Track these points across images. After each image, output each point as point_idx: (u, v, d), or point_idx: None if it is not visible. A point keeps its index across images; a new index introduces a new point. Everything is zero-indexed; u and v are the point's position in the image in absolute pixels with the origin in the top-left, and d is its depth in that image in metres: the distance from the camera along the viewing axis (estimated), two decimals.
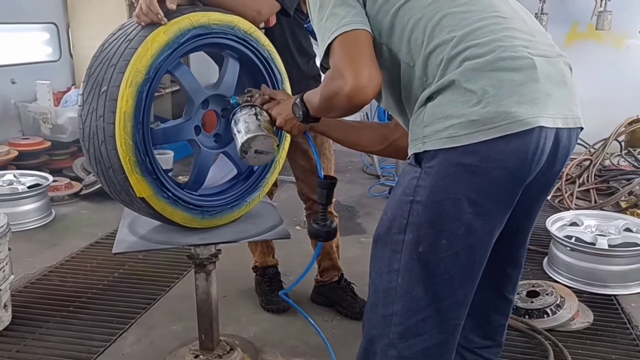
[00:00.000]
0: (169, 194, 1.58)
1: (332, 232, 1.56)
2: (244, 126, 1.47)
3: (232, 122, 1.52)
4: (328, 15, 1.23)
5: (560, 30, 5.16)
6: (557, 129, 1.15)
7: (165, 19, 1.45)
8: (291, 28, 2.19)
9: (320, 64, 1.33)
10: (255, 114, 1.49)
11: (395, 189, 1.25)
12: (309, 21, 1.53)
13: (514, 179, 1.15)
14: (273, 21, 2.01)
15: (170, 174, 1.79)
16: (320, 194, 1.48)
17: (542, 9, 5.05)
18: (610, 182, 4.23)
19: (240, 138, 1.47)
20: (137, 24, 1.50)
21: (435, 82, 1.16)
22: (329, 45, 1.22)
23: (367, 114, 4.95)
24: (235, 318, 2.50)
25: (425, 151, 1.15)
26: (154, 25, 1.47)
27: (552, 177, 1.26)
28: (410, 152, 1.20)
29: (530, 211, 1.33)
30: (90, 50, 5.38)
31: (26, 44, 4.72)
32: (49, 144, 4.36)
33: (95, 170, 1.56)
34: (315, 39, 1.59)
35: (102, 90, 1.44)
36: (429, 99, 1.17)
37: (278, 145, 1.51)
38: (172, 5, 1.48)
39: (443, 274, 1.18)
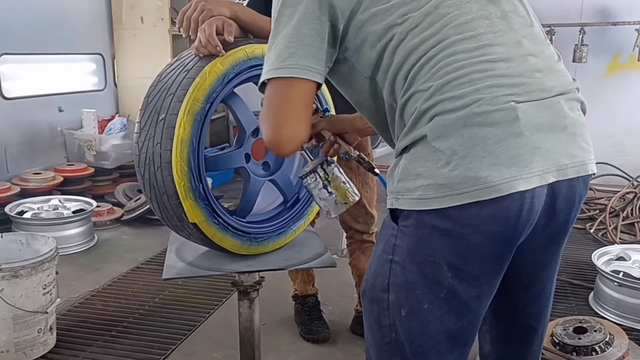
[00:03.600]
0: (220, 220, 1.60)
1: None
2: (322, 204, 1.43)
3: (305, 190, 1.52)
4: (277, 42, 1.12)
5: (601, 61, 5.12)
6: (551, 183, 1.03)
7: (223, 51, 1.50)
8: None
9: (259, 88, 1.21)
10: (323, 184, 1.41)
11: (377, 242, 1.18)
12: None
13: (497, 244, 1.05)
14: None
15: None
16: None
17: (582, 40, 5.02)
18: None
19: (326, 214, 1.46)
20: (194, 55, 1.54)
21: (409, 134, 1.06)
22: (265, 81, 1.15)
23: None
24: (274, 347, 2.49)
25: (398, 209, 1.07)
26: (211, 56, 1.51)
27: (558, 229, 1.16)
28: (387, 205, 1.11)
29: (540, 262, 1.22)
30: (135, 80, 5.57)
31: (73, 74, 4.91)
32: (92, 170, 4.49)
33: (148, 196, 1.59)
34: None
35: (160, 117, 1.48)
36: (405, 149, 1.08)
37: (356, 194, 1.45)
38: (230, 38, 1.52)
39: (428, 341, 1.10)
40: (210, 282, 3.05)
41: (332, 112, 1.88)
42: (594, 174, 1.12)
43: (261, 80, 1.16)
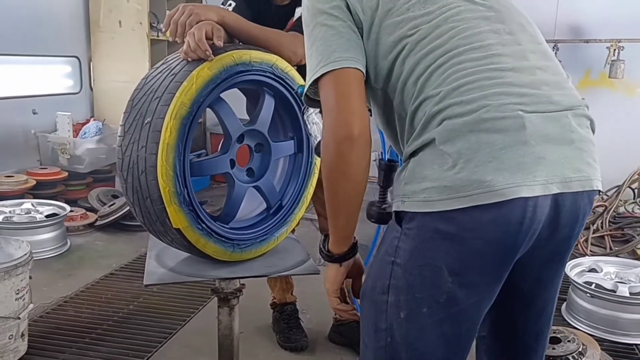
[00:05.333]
0: (204, 225, 1.59)
1: (386, 216, 1.48)
2: (316, 128, 1.47)
3: (305, 119, 1.52)
4: (317, 46, 1.16)
5: (573, 77, 5.18)
6: (555, 194, 1.03)
7: (212, 56, 1.49)
8: None
9: (305, 94, 1.23)
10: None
11: (380, 245, 1.18)
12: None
13: (497, 251, 1.05)
14: (305, 60, 2.06)
15: None
16: (381, 175, 1.39)
17: (555, 56, 5.13)
18: (625, 230, 4.22)
19: (315, 139, 1.50)
20: (182, 59, 1.53)
21: (417, 138, 1.08)
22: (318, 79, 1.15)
23: (381, 152, 4.98)
24: (252, 355, 2.47)
25: (404, 211, 1.08)
26: (198, 60, 1.51)
27: (561, 244, 1.15)
28: (393, 208, 1.13)
29: (542, 278, 1.21)
30: (111, 84, 5.48)
31: (48, 76, 4.82)
32: (66, 174, 4.42)
33: (131, 200, 1.57)
34: None
35: (146, 121, 1.47)
36: (413, 154, 1.09)
37: None
38: (219, 43, 1.52)
39: (425, 345, 1.10)
40: (187, 289, 3.02)
41: None
42: (600, 192, 1.11)
43: (313, 78, 1.15)
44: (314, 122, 1.47)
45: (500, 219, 1.01)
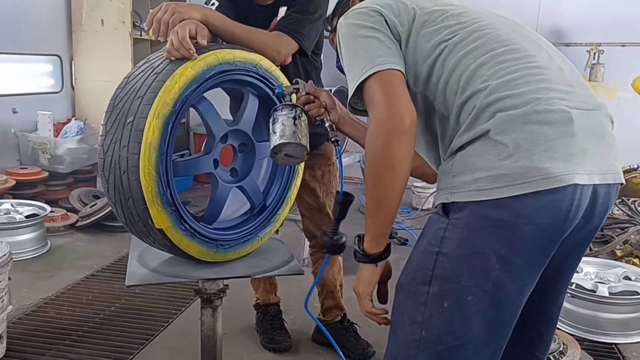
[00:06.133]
0: (187, 226, 1.58)
1: (338, 248, 1.48)
2: (280, 129, 1.46)
3: (271, 118, 1.49)
4: (360, 54, 1.23)
5: None
6: (595, 185, 1.11)
7: (196, 55, 1.48)
8: (305, 66, 2.24)
9: (349, 103, 1.32)
10: (295, 117, 1.47)
11: (421, 238, 1.22)
12: (339, 60, 1.54)
13: (546, 237, 1.10)
14: (289, 60, 2.05)
15: None
16: (335, 208, 1.44)
17: None
18: (604, 230, 4.27)
19: (274, 140, 1.46)
20: (165, 58, 1.52)
21: (467, 131, 1.14)
22: (362, 82, 1.20)
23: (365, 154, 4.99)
24: (235, 356, 2.45)
25: (453, 202, 1.13)
26: (181, 59, 1.50)
27: (588, 235, 1.21)
28: (438, 201, 1.18)
29: (563, 268, 1.27)
30: (93, 83, 5.42)
31: (29, 75, 4.76)
32: (46, 174, 4.36)
33: (112, 200, 1.56)
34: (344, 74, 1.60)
35: (128, 120, 1.45)
36: (460, 148, 1.15)
37: (308, 153, 1.49)
38: (203, 42, 1.51)
39: (469, 332, 1.12)
40: (169, 291, 2.99)
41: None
42: (623, 185, 1.20)
43: (359, 82, 1.21)
44: (283, 122, 1.46)
45: (553, 204, 1.07)
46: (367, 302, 1.30)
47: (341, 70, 1.53)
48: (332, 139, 1.47)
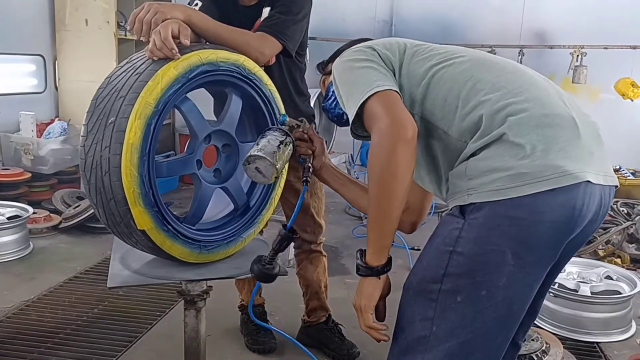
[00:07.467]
0: (170, 227, 1.57)
1: (268, 277, 1.52)
2: (263, 143, 1.51)
3: (262, 134, 1.56)
4: (358, 81, 1.31)
5: None
6: (601, 185, 1.18)
7: (179, 55, 1.47)
8: (289, 67, 2.24)
9: (351, 130, 1.40)
10: (282, 142, 1.52)
11: (433, 238, 1.25)
12: (326, 101, 1.61)
13: (559, 234, 1.16)
14: (273, 60, 2.05)
15: None
16: (277, 240, 1.50)
17: (521, 62, 5.23)
18: None
19: (252, 150, 1.51)
20: (147, 58, 1.51)
21: (480, 138, 1.19)
22: (363, 104, 1.27)
23: (351, 155, 5.01)
24: (220, 358, 2.45)
25: (470, 203, 1.17)
26: (164, 59, 1.49)
27: (587, 234, 1.26)
28: (453, 204, 1.23)
29: (558, 265, 1.31)
30: (77, 83, 5.37)
31: (11, 74, 4.70)
32: (29, 175, 4.31)
33: (94, 201, 1.54)
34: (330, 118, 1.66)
35: (110, 121, 1.44)
36: (473, 154, 1.20)
37: (276, 178, 1.54)
38: (186, 42, 1.51)
39: (480, 326, 1.18)
40: (152, 293, 2.98)
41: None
42: (618, 188, 1.27)
43: (359, 104, 1.27)
44: (269, 140, 1.51)
45: (567, 202, 1.13)
46: (369, 317, 1.31)
47: (327, 111, 1.58)
48: (304, 178, 1.55)
